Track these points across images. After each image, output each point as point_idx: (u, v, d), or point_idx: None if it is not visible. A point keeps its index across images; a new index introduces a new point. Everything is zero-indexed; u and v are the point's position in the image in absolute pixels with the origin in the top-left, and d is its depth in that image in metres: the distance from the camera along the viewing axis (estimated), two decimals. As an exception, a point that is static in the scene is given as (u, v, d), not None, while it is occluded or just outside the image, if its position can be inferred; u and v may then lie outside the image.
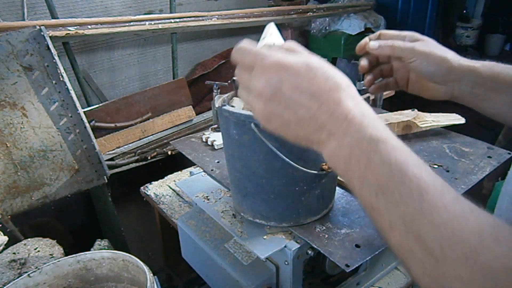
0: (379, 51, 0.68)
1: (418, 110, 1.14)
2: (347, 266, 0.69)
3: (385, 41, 0.68)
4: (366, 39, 0.71)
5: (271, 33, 0.64)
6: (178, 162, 1.61)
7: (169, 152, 1.90)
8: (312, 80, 0.44)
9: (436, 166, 0.98)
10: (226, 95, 0.83)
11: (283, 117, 0.46)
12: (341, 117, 0.44)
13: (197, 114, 2.06)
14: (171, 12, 2.10)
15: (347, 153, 0.43)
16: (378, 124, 0.44)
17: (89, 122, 1.52)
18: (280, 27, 2.80)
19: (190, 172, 1.30)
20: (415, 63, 0.66)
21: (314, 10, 2.73)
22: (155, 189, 1.40)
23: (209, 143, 1.14)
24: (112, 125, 1.79)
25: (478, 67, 0.63)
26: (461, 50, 4.40)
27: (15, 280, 0.82)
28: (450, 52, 0.66)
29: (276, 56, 0.46)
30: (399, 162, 0.41)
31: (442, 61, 0.64)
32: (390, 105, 1.41)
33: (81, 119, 1.46)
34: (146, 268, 0.82)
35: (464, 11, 4.56)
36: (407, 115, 1.12)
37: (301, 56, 0.46)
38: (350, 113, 0.44)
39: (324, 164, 0.73)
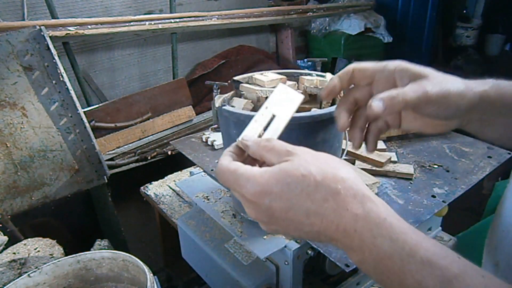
0: (388, 112, 0.49)
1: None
2: (347, 266, 0.69)
3: (388, 96, 0.48)
4: (335, 81, 0.53)
5: (275, 103, 0.52)
6: (178, 162, 1.61)
7: (169, 152, 1.90)
8: (300, 195, 0.39)
9: (436, 166, 0.98)
10: (226, 95, 0.83)
11: (289, 233, 0.42)
12: (349, 230, 0.39)
13: (197, 114, 2.06)
14: (171, 12, 2.10)
15: (372, 268, 0.39)
16: (393, 229, 0.38)
17: (89, 122, 1.52)
18: (280, 27, 2.80)
19: (190, 172, 1.30)
20: (430, 110, 0.50)
21: (314, 10, 2.73)
22: (155, 189, 1.40)
23: (209, 143, 1.14)
24: (112, 125, 1.79)
25: (488, 90, 0.52)
26: (461, 50, 4.41)
27: (15, 280, 0.82)
28: (458, 80, 0.52)
29: (253, 181, 0.40)
30: (438, 280, 0.35)
31: (460, 99, 0.50)
32: (390, 105, 1.41)
33: (81, 119, 1.46)
34: (146, 268, 0.82)
35: (464, 11, 4.56)
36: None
37: (279, 170, 0.40)
38: (358, 223, 0.38)
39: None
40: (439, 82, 0.50)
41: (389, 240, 0.37)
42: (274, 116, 0.50)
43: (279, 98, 0.53)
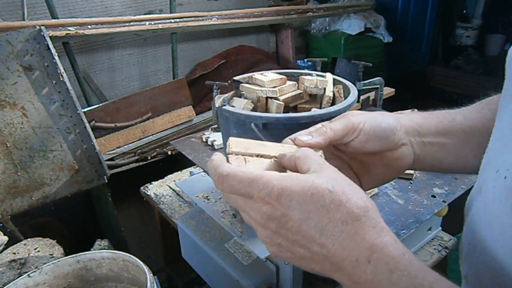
0: (319, 141, 0.48)
1: (418, 110, 1.14)
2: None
3: (314, 127, 0.50)
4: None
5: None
6: (178, 162, 1.61)
7: (169, 152, 1.89)
8: (320, 210, 0.37)
9: (436, 166, 0.98)
10: (226, 95, 0.83)
11: (293, 251, 0.40)
12: (362, 261, 0.36)
13: (197, 114, 2.06)
14: (171, 12, 2.10)
15: None
16: (412, 265, 0.35)
17: (89, 122, 1.52)
18: (280, 27, 2.80)
19: (190, 172, 1.30)
20: (365, 140, 0.51)
21: (314, 10, 2.73)
22: (155, 189, 1.40)
23: (209, 143, 1.15)
24: (112, 125, 1.79)
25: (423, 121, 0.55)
26: (461, 50, 4.41)
27: (15, 280, 0.82)
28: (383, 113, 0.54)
29: (274, 184, 0.38)
30: None
31: (387, 117, 0.53)
32: (390, 105, 1.41)
33: (81, 119, 1.46)
34: (146, 268, 0.82)
35: (464, 11, 4.57)
36: (406, 115, 1.12)
37: (307, 179, 0.38)
38: (373, 254, 0.36)
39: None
40: (355, 111, 0.53)
41: (408, 277, 0.35)
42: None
43: None
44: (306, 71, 0.91)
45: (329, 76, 0.85)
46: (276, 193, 0.38)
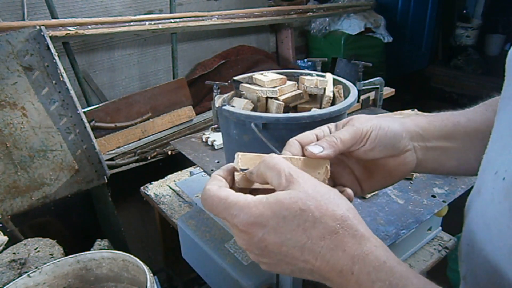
0: (330, 152, 0.47)
1: (418, 110, 1.14)
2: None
3: (324, 138, 0.49)
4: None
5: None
6: (178, 162, 1.61)
7: (169, 152, 1.90)
8: (296, 231, 0.37)
9: (436, 166, 0.98)
10: (226, 95, 0.83)
11: (282, 268, 0.40)
12: (346, 272, 0.37)
13: (197, 114, 2.06)
14: (171, 12, 2.10)
15: None
16: (393, 273, 0.36)
17: (89, 122, 1.52)
18: (280, 27, 2.81)
19: (190, 172, 1.31)
20: (370, 143, 0.49)
21: (314, 10, 2.73)
22: (155, 189, 1.40)
23: (209, 143, 1.15)
24: (112, 125, 1.79)
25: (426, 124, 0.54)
26: (461, 50, 4.41)
27: (15, 280, 0.82)
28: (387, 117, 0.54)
29: (246, 212, 0.38)
30: None
31: (391, 119, 0.53)
32: (390, 105, 1.41)
33: (81, 119, 1.46)
34: (146, 268, 0.82)
35: (464, 11, 4.57)
36: (407, 115, 1.12)
37: (276, 200, 0.38)
38: (355, 266, 0.37)
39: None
40: (362, 116, 0.52)
41: (388, 286, 0.35)
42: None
43: None
44: (306, 71, 0.91)
45: (329, 76, 0.85)
46: (249, 222, 0.38)
